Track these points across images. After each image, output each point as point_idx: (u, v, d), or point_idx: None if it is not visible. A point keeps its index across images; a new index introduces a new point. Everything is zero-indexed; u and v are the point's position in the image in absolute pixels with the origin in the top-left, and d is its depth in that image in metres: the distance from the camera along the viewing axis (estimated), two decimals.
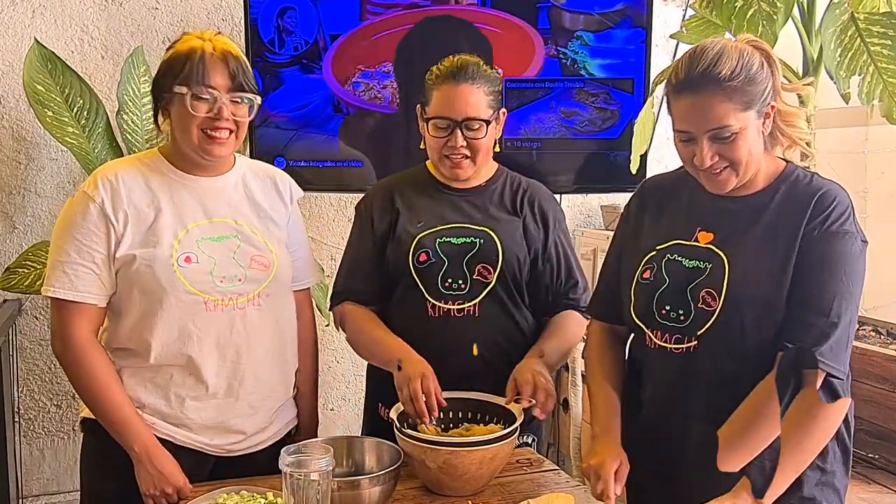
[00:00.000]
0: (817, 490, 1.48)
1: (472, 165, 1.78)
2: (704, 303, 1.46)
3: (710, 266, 1.48)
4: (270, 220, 1.72)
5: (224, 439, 1.66)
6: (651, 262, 1.55)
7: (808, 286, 1.41)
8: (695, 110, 1.41)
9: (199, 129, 1.58)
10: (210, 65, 1.56)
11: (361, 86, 2.85)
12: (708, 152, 1.42)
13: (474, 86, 1.73)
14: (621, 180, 2.87)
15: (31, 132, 2.87)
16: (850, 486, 1.57)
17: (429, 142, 1.79)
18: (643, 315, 1.54)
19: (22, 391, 2.95)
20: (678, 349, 1.49)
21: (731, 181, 1.47)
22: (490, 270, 1.77)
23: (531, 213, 1.85)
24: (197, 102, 1.56)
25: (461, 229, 1.80)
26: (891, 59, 2.17)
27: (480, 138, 1.75)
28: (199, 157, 1.62)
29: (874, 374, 2.43)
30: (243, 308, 1.63)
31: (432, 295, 1.77)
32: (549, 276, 1.85)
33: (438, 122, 1.74)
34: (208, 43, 1.58)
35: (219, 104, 1.57)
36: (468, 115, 1.72)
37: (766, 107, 1.43)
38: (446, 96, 1.73)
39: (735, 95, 1.39)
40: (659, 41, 3.08)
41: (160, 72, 1.61)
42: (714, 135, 1.41)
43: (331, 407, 3.33)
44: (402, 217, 1.82)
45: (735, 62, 1.39)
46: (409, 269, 1.77)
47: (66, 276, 1.55)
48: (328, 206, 3.22)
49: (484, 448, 1.53)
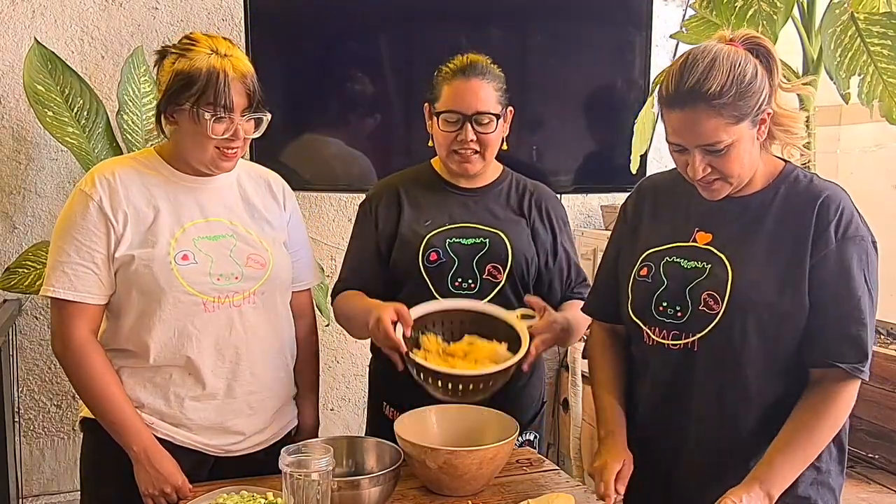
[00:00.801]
0: (812, 489, 1.49)
1: (482, 161, 1.79)
2: (706, 305, 1.46)
3: (710, 267, 1.48)
4: (265, 220, 1.72)
5: (223, 439, 1.66)
6: (648, 262, 1.55)
7: (836, 298, 1.41)
8: (685, 126, 1.39)
9: (215, 148, 1.58)
10: (232, 88, 1.55)
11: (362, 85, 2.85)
12: (700, 165, 1.41)
13: (484, 81, 1.76)
14: (621, 180, 2.88)
15: (31, 132, 2.87)
16: (851, 486, 1.57)
17: (438, 137, 1.80)
18: (640, 312, 1.54)
19: (22, 391, 2.95)
20: (675, 345, 1.50)
21: (724, 190, 1.46)
22: (500, 270, 1.79)
23: (539, 216, 1.86)
24: (218, 125, 1.56)
25: (470, 229, 1.81)
26: (891, 59, 2.17)
27: (490, 132, 1.76)
28: (207, 169, 1.63)
29: (874, 374, 2.39)
30: (240, 306, 1.63)
31: (442, 294, 1.77)
32: (558, 277, 1.87)
33: (448, 115, 1.75)
34: (227, 62, 1.56)
35: (235, 125, 1.57)
36: (478, 108, 1.74)
37: (760, 114, 1.41)
38: (456, 91, 1.75)
39: (725, 111, 1.36)
40: (659, 41, 3.08)
41: (174, 82, 1.56)
42: (705, 149, 1.39)
43: (331, 407, 3.32)
44: (408, 216, 1.83)
45: (725, 76, 1.35)
46: (418, 269, 1.77)
47: (66, 276, 1.55)
48: (328, 206, 3.22)
49: (484, 448, 1.53)
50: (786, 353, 1.45)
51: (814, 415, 1.42)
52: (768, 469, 1.40)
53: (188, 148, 1.61)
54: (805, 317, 1.42)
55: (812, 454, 1.42)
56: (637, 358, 1.60)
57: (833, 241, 1.41)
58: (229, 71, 1.55)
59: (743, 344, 1.44)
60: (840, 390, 1.42)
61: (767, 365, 1.45)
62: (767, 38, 1.45)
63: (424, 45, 2.85)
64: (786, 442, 1.41)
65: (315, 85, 2.84)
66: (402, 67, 2.86)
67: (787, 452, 1.40)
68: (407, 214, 1.82)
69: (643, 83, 2.90)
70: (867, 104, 2.21)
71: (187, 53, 1.56)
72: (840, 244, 1.41)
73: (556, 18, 2.89)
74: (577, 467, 2.99)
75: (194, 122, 1.56)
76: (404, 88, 2.85)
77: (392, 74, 2.85)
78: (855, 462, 2.49)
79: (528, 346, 1.64)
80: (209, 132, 1.55)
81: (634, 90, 2.92)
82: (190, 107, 1.55)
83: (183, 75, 1.55)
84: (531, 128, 2.93)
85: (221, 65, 1.55)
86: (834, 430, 1.44)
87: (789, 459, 1.40)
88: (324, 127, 2.88)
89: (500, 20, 2.89)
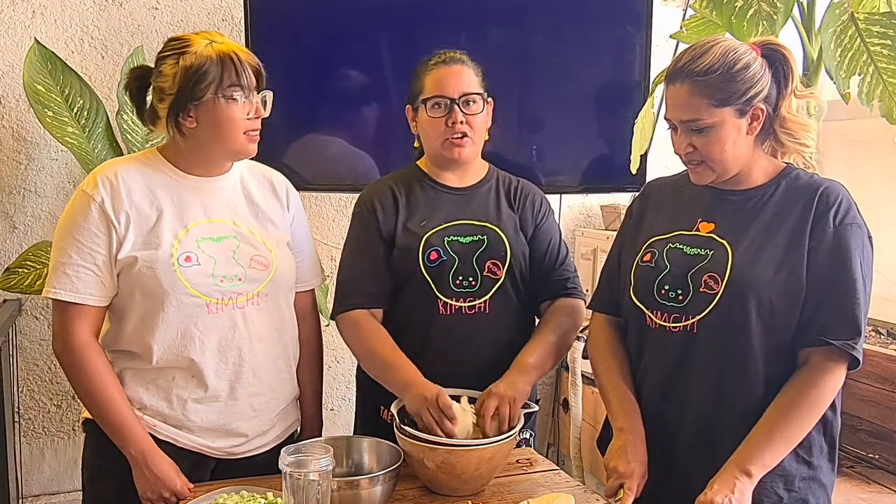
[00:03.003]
0: (804, 484, 1.50)
1: (473, 144, 1.80)
2: (706, 286, 1.50)
3: (712, 253, 1.51)
4: (269, 221, 1.72)
5: (225, 441, 1.66)
6: (651, 248, 1.59)
7: (833, 278, 1.44)
8: (673, 101, 1.49)
9: (243, 132, 1.59)
10: (248, 67, 1.57)
11: (362, 85, 2.85)
12: (682, 141, 1.49)
13: (465, 66, 1.80)
14: (621, 180, 2.88)
15: (31, 132, 2.87)
16: (851, 486, 1.58)
17: (427, 129, 1.80)
18: (643, 296, 1.58)
19: (22, 391, 2.95)
20: (676, 328, 1.52)
21: (706, 175, 1.52)
22: (499, 266, 1.79)
23: (525, 207, 1.87)
24: (244, 105, 1.57)
25: (467, 227, 1.81)
26: (891, 59, 2.17)
27: (477, 113, 1.78)
28: (237, 157, 1.64)
29: (874, 374, 2.43)
30: (243, 307, 1.63)
31: (444, 293, 1.77)
32: (539, 255, 1.85)
33: (436, 100, 1.77)
34: (230, 45, 1.57)
35: (255, 104, 1.59)
36: (464, 90, 1.77)
37: (750, 107, 1.45)
38: (439, 77, 1.78)
39: (708, 90, 1.44)
40: (659, 41, 3.08)
41: (185, 79, 1.54)
42: (689, 126, 1.47)
43: (331, 407, 3.32)
44: (404, 216, 1.82)
45: (716, 58, 1.44)
46: (419, 269, 1.77)
47: (68, 278, 1.55)
48: (328, 206, 3.22)
49: (482, 448, 1.53)
50: (784, 334, 1.47)
51: (796, 395, 1.44)
52: (746, 449, 1.43)
53: (214, 141, 1.59)
54: (802, 297, 1.45)
55: (794, 434, 1.43)
56: (638, 342, 1.62)
57: (831, 226, 1.45)
58: (238, 52, 1.57)
59: (742, 324, 1.47)
60: (825, 371, 1.44)
61: (766, 346, 1.47)
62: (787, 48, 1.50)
63: (424, 45, 2.84)
64: (768, 421, 1.44)
65: (315, 84, 2.83)
66: (402, 67, 2.85)
67: (767, 431, 1.43)
68: (403, 215, 1.82)
69: (643, 83, 2.90)
70: (867, 104, 2.21)
71: (188, 50, 1.56)
72: (839, 229, 1.45)
73: (556, 18, 2.89)
74: (577, 467, 2.99)
75: (219, 110, 1.55)
76: (404, 88, 2.83)
77: (392, 74, 2.85)
78: (855, 462, 2.50)
79: (521, 423, 1.63)
80: (238, 115, 1.56)
81: (634, 90, 2.91)
82: (213, 95, 1.55)
83: (195, 69, 1.54)
84: (531, 128, 2.92)
85: (228, 48, 1.57)
86: (817, 411, 1.44)
87: (768, 439, 1.42)
88: (324, 127, 2.88)
89: (500, 20, 2.89)
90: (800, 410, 1.43)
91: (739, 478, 1.40)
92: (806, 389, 1.43)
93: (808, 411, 1.43)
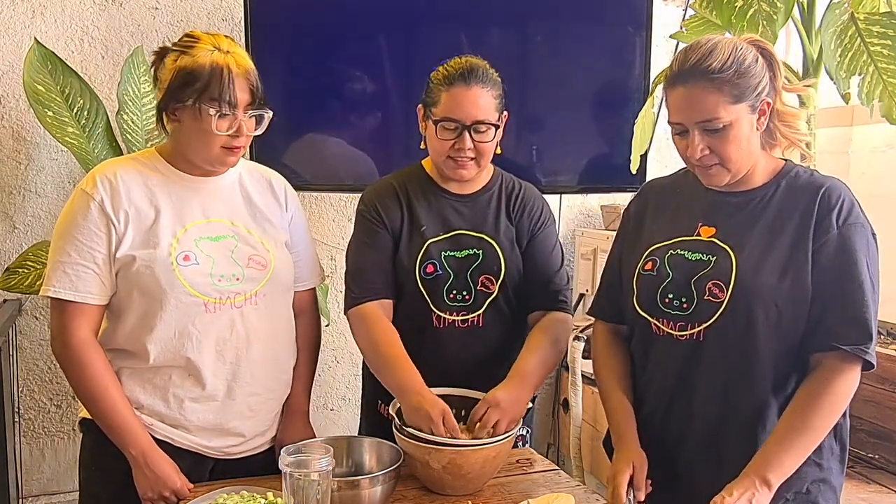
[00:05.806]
0: (814, 487, 1.49)
1: (476, 168, 1.78)
2: (711, 294, 1.48)
3: (715, 259, 1.49)
4: (267, 221, 1.72)
5: (222, 441, 1.66)
6: (653, 256, 1.57)
7: (839, 281, 1.42)
8: (686, 102, 1.44)
9: (220, 146, 1.58)
10: (236, 84, 1.55)
11: (362, 85, 2.85)
12: (699, 144, 1.45)
13: (484, 89, 1.72)
14: (621, 180, 2.88)
15: (31, 132, 2.87)
16: (851, 486, 1.57)
17: (433, 143, 1.77)
18: (647, 306, 1.56)
19: (22, 391, 2.95)
20: (682, 336, 1.51)
21: (722, 177, 1.49)
22: (493, 281, 1.78)
23: (522, 217, 1.85)
24: (221, 121, 1.55)
25: (464, 238, 1.79)
26: (891, 59, 2.17)
27: (488, 142, 1.74)
28: (211, 167, 1.63)
29: (874, 374, 2.40)
30: (241, 307, 1.63)
31: (438, 307, 1.77)
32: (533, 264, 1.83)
33: (447, 123, 1.72)
34: (230, 58, 1.55)
35: (238, 121, 1.57)
36: (478, 118, 1.71)
37: (759, 102, 1.45)
38: (456, 98, 1.71)
39: (725, 87, 1.41)
40: (659, 41, 3.08)
41: (176, 79, 1.55)
42: (704, 126, 1.43)
43: (331, 407, 3.32)
44: (407, 218, 1.81)
45: (727, 55, 1.42)
46: (415, 280, 1.76)
47: (67, 276, 1.55)
48: (328, 207, 3.22)
49: (487, 447, 1.54)
50: (791, 339, 1.45)
51: (811, 400, 1.42)
52: (764, 456, 1.41)
53: (191, 145, 1.60)
54: (808, 302, 1.44)
55: (811, 440, 1.42)
56: (642, 352, 1.61)
57: (835, 227, 1.44)
58: (233, 67, 1.55)
59: (749, 331, 1.45)
60: (839, 374, 1.42)
61: (773, 351, 1.46)
62: (767, 41, 1.51)
63: (425, 45, 2.85)
64: (784, 428, 1.42)
65: (315, 85, 2.84)
66: (403, 67, 2.86)
67: (785, 439, 1.41)
68: (406, 217, 1.82)
69: (643, 83, 2.90)
70: (867, 104, 2.21)
71: (189, 50, 1.56)
72: (843, 230, 1.44)
73: (556, 18, 2.89)
74: (577, 467, 2.99)
75: (197, 118, 1.55)
76: (404, 88, 2.85)
77: (392, 74, 2.85)
78: (855, 462, 2.50)
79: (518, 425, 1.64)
80: (213, 128, 1.55)
81: (634, 90, 2.92)
82: (193, 103, 1.54)
83: (186, 71, 1.54)
84: (531, 128, 2.93)
85: (224, 60, 1.55)
86: (833, 416, 1.43)
87: (786, 446, 1.41)
88: (323, 127, 2.88)
89: (500, 20, 2.89)
90: (816, 416, 1.41)
91: (760, 488, 1.38)
92: (821, 395, 1.41)
93: (825, 416, 1.42)
